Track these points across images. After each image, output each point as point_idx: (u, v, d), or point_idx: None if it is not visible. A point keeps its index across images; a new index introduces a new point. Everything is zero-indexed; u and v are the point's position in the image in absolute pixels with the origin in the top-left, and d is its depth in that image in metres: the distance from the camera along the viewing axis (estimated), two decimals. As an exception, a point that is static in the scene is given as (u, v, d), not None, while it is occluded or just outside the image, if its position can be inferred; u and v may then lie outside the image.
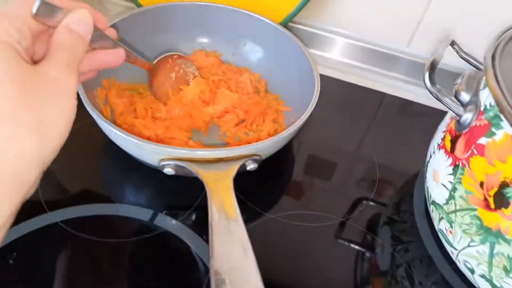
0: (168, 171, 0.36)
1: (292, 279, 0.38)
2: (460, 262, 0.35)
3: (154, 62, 0.44)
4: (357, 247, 0.41)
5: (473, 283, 0.35)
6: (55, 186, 0.42)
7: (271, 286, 0.34)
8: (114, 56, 0.31)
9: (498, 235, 0.30)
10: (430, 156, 0.39)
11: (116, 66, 0.32)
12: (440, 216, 0.36)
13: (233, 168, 0.35)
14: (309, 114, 0.41)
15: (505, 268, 0.30)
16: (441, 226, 0.36)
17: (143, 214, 0.39)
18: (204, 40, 0.54)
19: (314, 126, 0.53)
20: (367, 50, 0.61)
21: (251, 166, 0.38)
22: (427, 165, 0.40)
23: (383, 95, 0.59)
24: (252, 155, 0.37)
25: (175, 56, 0.45)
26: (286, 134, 0.38)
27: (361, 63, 0.62)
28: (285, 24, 0.57)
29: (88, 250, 0.36)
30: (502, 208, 0.30)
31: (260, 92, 0.51)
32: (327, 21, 0.61)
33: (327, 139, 0.51)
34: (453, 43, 0.39)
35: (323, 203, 0.44)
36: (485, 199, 0.31)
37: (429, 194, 0.38)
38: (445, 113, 0.42)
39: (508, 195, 0.29)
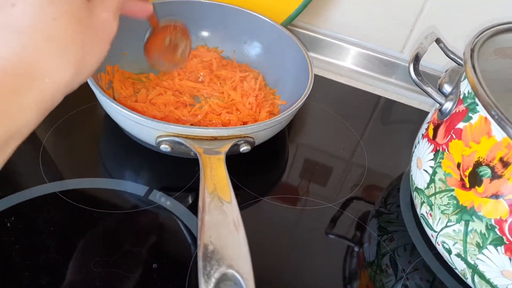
0: (164, 147, 0.38)
1: (284, 257, 0.39)
2: (439, 245, 0.37)
3: (161, 23, 0.42)
4: (347, 233, 0.43)
5: (450, 264, 0.37)
6: (57, 162, 0.44)
7: (263, 266, 0.36)
8: (143, 9, 0.32)
9: (472, 212, 0.32)
10: (415, 146, 0.41)
11: (141, 18, 0.33)
12: (422, 200, 0.38)
13: (227, 145, 0.37)
14: (302, 103, 0.43)
15: (478, 245, 0.32)
16: (422, 211, 0.38)
17: (138, 189, 0.41)
18: (206, 34, 0.57)
19: (310, 122, 0.55)
20: (363, 54, 0.64)
21: (244, 147, 0.40)
22: (412, 155, 0.42)
23: (378, 97, 0.61)
24: (245, 136, 0.39)
25: (179, 25, 0.44)
26: (277, 119, 0.41)
27: (357, 67, 0.65)
28: (285, 26, 0.60)
29: (82, 218, 0.38)
30: (476, 187, 0.31)
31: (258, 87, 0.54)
32: (324, 26, 0.64)
33: (322, 135, 0.54)
34: (438, 41, 0.42)
35: (317, 191, 0.46)
36: (461, 179, 0.33)
37: (413, 182, 0.40)
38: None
39: (481, 173, 0.31)
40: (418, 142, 0.40)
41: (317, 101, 0.57)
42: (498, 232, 0.30)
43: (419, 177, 0.38)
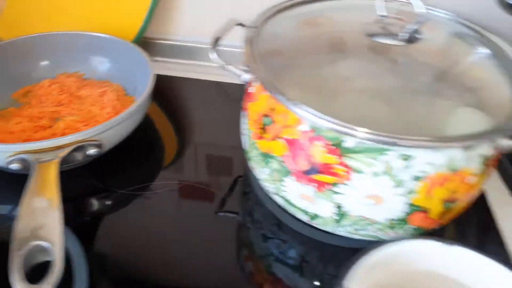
0: (15, 166, 0.42)
1: (175, 244, 0.44)
2: (266, 190, 0.44)
3: None
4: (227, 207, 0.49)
5: (278, 204, 0.44)
6: None
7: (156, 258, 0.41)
8: None
9: (268, 155, 0.39)
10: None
11: None
12: (248, 158, 0.45)
13: (66, 151, 0.42)
14: (141, 101, 0.49)
15: (280, 180, 0.39)
16: (251, 167, 0.45)
17: (2, 209, 0.45)
18: (58, 62, 0.62)
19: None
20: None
21: (91, 151, 0.45)
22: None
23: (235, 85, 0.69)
24: (88, 140, 0.44)
25: None
26: (116, 118, 0.46)
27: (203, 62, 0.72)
28: (138, 39, 0.66)
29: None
30: (265, 135, 0.39)
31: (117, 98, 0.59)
32: (179, 33, 0.71)
33: (192, 128, 0.60)
34: (242, 25, 0.50)
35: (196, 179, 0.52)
36: (258, 132, 0.40)
37: (244, 147, 0.47)
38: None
39: (265, 123, 0.38)
40: (242, 115, 0.48)
41: (189, 101, 0.65)
42: (285, 166, 0.38)
43: (243, 141, 0.45)
